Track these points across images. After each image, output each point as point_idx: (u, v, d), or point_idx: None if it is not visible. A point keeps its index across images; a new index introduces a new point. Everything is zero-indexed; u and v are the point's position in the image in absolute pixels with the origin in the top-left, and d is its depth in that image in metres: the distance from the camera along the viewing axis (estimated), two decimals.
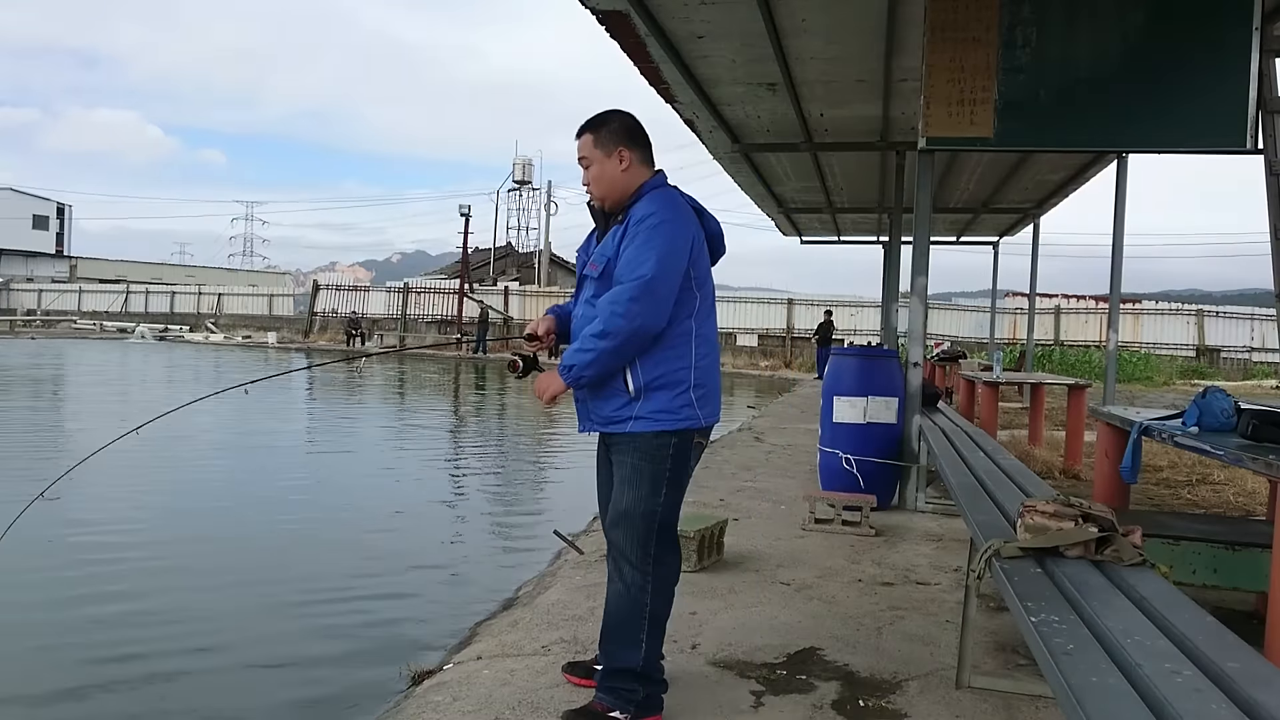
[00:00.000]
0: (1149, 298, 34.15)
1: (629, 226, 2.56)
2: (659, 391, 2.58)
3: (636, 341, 2.51)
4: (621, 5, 5.61)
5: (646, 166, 2.68)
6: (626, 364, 2.55)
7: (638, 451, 2.62)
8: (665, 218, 2.55)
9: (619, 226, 2.60)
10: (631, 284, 2.47)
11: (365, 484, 8.21)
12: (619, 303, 2.47)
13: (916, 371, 5.98)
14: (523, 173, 52.58)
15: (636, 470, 2.62)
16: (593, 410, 2.69)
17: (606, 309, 2.49)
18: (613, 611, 2.71)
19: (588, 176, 2.69)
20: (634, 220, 2.55)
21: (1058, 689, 1.54)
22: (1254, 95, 5.04)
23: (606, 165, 2.65)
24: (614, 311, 2.48)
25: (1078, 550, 2.26)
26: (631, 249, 2.51)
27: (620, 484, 2.65)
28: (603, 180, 2.66)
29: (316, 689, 3.59)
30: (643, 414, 2.58)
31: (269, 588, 4.96)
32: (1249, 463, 3.02)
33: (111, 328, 42.32)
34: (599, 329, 2.50)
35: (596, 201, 2.70)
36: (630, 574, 2.65)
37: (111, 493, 7.09)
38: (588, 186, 2.70)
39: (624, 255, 2.52)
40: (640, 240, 2.51)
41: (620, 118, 2.70)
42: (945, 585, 4.21)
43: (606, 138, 2.65)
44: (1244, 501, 6.26)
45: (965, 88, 5.30)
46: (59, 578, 5.03)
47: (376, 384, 20.62)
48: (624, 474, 2.64)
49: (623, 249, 2.55)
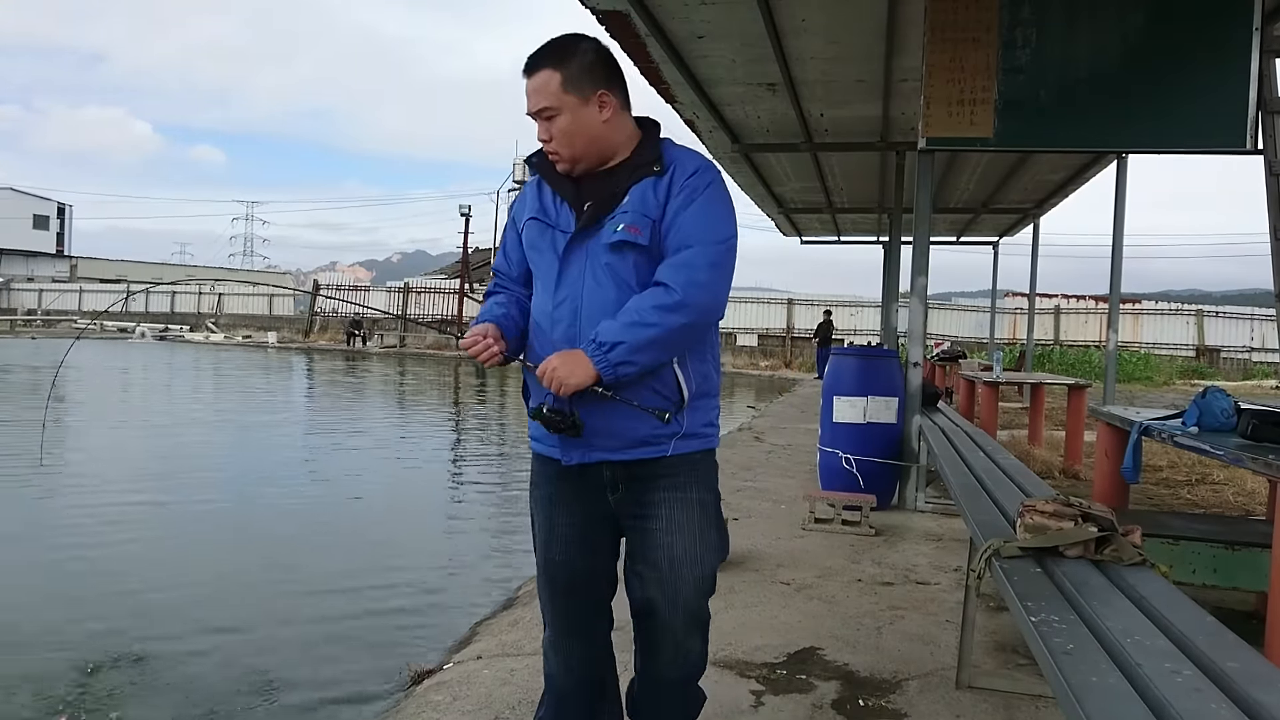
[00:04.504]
0: (1149, 298, 34.16)
1: (674, 180, 1.96)
2: (705, 399, 2.04)
3: (704, 324, 1.97)
4: (621, 5, 5.61)
5: (628, 112, 2.04)
6: (677, 358, 1.95)
7: (697, 481, 2.03)
8: (719, 172, 2.02)
9: (655, 179, 1.96)
10: (715, 247, 1.92)
11: (365, 483, 8.21)
12: (698, 268, 1.89)
13: (916, 371, 5.99)
14: (523, 173, 52.60)
15: (701, 506, 2.03)
16: (611, 428, 1.96)
17: (681, 274, 1.88)
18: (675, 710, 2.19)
19: (550, 130, 1.96)
20: (684, 172, 1.97)
21: (1058, 689, 1.54)
22: (1254, 95, 5.04)
23: (582, 115, 1.94)
24: (692, 279, 1.88)
25: (1078, 550, 2.26)
26: (702, 205, 1.93)
27: (674, 530, 1.99)
28: (577, 135, 1.96)
29: (316, 688, 3.58)
30: (694, 429, 2.00)
31: (268, 587, 4.96)
32: (1249, 463, 3.03)
33: (112, 327, 42.31)
34: (674, 299, 1.86)
35: (564, 165, 2.00)
36: (698, 654, 2.10)
37: (107, 488, 7.09)
38: (546, 142, 1.98)
39: (690, 214, 1.93)
40: (711, 195, 1.95)
41: (594, 47, 1.99)
42: (945, 585, 4.21)
43: (580, 76, 1.94)
44: (1244, 501, 6.26)
45: (965, 88, 5.30)
46: (57, 572, 5.03)
47: (376, 383, 20.62)
48: (677, 516, 2.00)
49: (677, 209, 1.94)
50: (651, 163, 1.97)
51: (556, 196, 2.04)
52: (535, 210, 2.06)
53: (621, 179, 1.98)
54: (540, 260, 2.04)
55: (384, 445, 10.93)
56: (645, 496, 2.01)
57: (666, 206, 1.94)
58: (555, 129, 1.95)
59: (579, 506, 2.07)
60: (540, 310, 2.03)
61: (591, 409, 1.93)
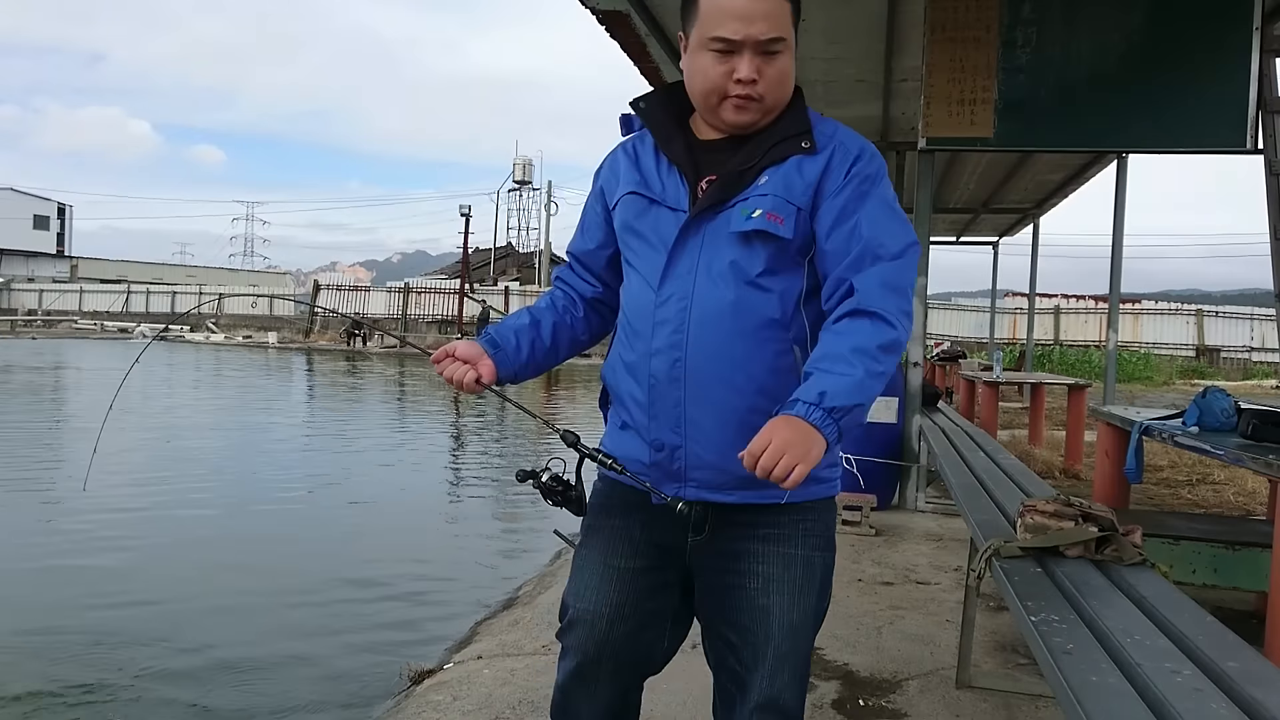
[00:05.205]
0: (1149, 297, 34.16)
1: (833, 163, 1.55)
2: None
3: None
4: (621, 5, 5.62)
5: None
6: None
7: (810, 535, 1.64)
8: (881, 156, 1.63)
9: (804, 158, 1.55)
10: (908, 258, 1.53)
11: (364, 483, 8.21)
12: (902, 291, 1.51)
13: (916, 371, 5.99)
14: (523, 173, 52.68)
15: (808, 568, 1.63)
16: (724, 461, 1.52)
17: (890, 300, 1.48)
18: None
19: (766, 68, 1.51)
20: (846, 154, 1.56)
21: (1058, 689, 1.54)
22: (1254, 95, 5.04)
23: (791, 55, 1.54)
24: (902, 307, 1.50)
25: (1078, 550, 2.27)
26: (880, 203, 1.55)
27: (772, 593, 1.60)
28: (787, 82, 1.56)
29: (316, 688, 3.58)
30: (816, 472, 1.46)
31: (267, 587, 4.95)
32: (1249, 463, 3.03)
33: (112, 328, 42.32)
34: (894, 335, 1.48)
35: (749, 117, 1.55)
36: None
37: (107, 491, 7.09)
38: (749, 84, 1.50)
39: (869, 213, 1.53)
40: (886, 187, 1.58)
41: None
42: (945, 585, 4.21)
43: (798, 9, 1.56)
44: (1244, 501, 6.26)
45: (965, 88, 5.31)
46: (56, 569, 5.03)
47: (376, 383, 20.62)
48: (778, 575, 1.60)
49: (845, 204, 1.53)
50: (800, 135, 1.56)
51: (662, 163, 1.62)
52: (634, 182, 1.63)
53: (755, 150, 1.56)
54: (639, 246, 1.62)
55: (384, 446, 10.93)
56: (739, 545, 1.61)
57: (819, 193, 1.55)
58: (774, 68, 1.51)
59: (647, 541, 1.66)
60: (636, 308, 1.61)
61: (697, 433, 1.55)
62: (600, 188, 1.74)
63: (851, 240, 1.52)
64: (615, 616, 1.64)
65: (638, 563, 1.66)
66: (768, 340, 1.55)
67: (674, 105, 1.66)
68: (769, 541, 1.61)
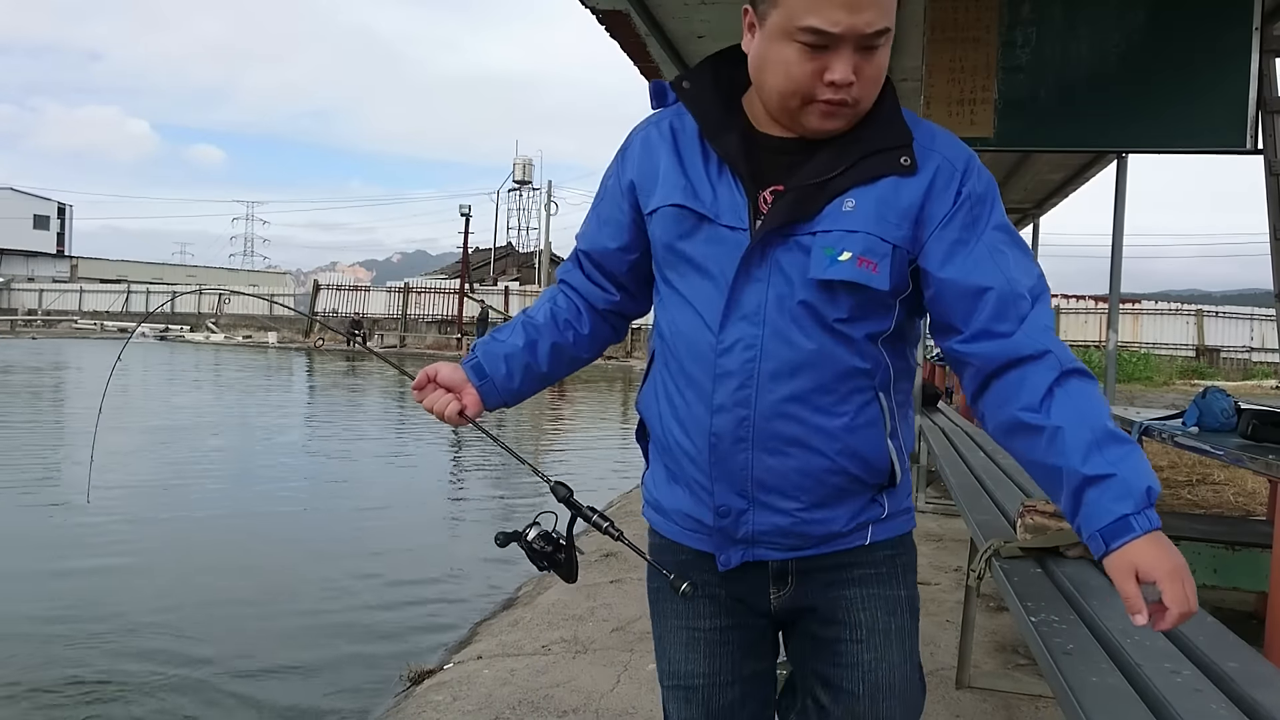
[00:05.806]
0: (1149, 298, 34.18)
1: (936, 185, 1.26)
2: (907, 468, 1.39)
3: None
4: (621, 5, 5.61)
5: None
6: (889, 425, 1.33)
7: (902, 573, 1.40)
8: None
9: (901, 179, 1.25)
10: (1046, 294, 1.30)
11: (364, 483, 8.21)
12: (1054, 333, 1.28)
13: (916, 372, 5.99)
14: (523, 173, 52.68)
15: (906, 608, 1.39)
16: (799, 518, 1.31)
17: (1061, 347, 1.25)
18: None
19: (864, 64, 1.20)
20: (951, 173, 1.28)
21: (1058, 689, 1.54)
22: (1254, 95, 5.04)
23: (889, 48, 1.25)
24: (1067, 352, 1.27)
25: (1078, 550, 2.26)
26: (1006, 231, 1.32)
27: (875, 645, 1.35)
28: (881, 79, 1.26)
29: (317, 689, 3.59)
30: (898, 507, 1.38)
31: (268, 588, 4.96)
32: (1249, 463, 3.03)
33: (112, 327, 42.32)
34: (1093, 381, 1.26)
35: (839, 123, 1.24)
36: None
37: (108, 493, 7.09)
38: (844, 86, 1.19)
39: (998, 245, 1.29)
40: (1000, 217, 1.34)
41: None
42: (945, 585, 4.21)
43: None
44: (1244, 501, 6.26)
45: (965, 88, 5.31)
46: (56, 572, 5.03)
47: (376, 383, 20.61)
48: (880, 623, 1.36)
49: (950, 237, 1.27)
50: (898, 149, 1.26)
51: (711, 161, 1.29)
52: (679, 190, 1.29)
53: (838, 158, 1.25)
54: (689, 273, 1.31)
55: (384, 446, 10.93)
56: (830, 593, 1.37)
57: (920, 223, 1.26)
58: (873, 66, 1.22)
59: (730, 596, 1.40)
60: (691, 349, 1.31)
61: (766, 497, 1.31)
62: (631, 181, 1.37)
63: (981, 283, 1.25)
64: (711, 685, 1.41)
65: (724, 620, 1.41)
66: (851, 393, 1.29)
67: (724, 82, 1.33)
68: (867, 584, 1.36)
